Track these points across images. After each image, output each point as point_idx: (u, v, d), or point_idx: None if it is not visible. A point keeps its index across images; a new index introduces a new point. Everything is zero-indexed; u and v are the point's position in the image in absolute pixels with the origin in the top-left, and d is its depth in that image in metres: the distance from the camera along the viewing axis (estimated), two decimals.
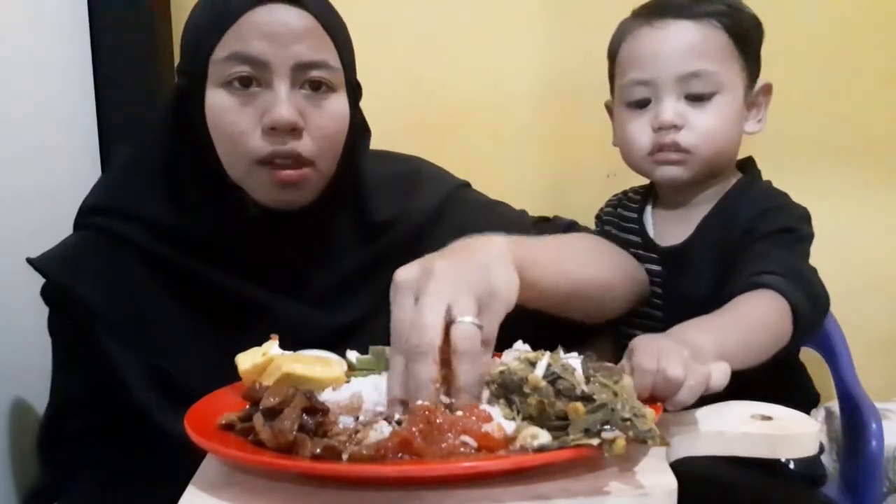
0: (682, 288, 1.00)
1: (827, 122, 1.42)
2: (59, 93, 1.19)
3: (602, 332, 1.01)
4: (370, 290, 0.89)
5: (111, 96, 1.27)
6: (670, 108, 0.97)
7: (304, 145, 0.81)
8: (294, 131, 0.79)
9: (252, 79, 0.79)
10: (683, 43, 0.98)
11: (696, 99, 0.97)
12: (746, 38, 0.99)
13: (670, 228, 1.05)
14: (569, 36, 1.44)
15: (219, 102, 0.80)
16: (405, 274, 0.65)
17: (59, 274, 0.84)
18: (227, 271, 0.84)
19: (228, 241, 0.85)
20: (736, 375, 0.66)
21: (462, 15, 1.44)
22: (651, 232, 1.06)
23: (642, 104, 1.00)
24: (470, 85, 1.45)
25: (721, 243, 0.97)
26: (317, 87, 0.82)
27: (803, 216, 0.97)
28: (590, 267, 0.89)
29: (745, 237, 0.94)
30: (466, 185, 1.03)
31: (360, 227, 0.91)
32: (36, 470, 0.90)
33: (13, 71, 1.06)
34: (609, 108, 1.10)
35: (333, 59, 0.83)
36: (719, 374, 0.62)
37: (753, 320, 0.81)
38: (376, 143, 0.99)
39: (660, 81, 0.98)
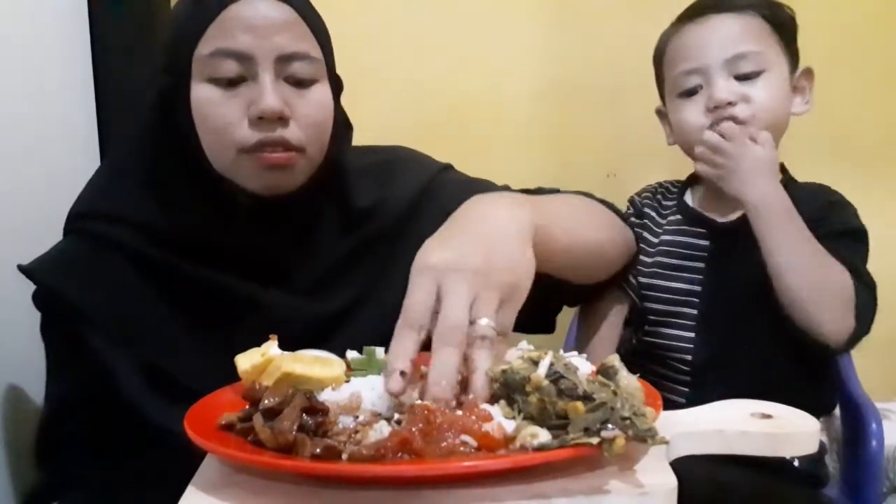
0: (729, 264, 1.03)
1: (829, 122, 1.42)
2: (58, 92, 1.19)
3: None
4: (355, 278, 0.90)
5: (111, 96, 1.27)
6: (723, 86, 1.02)
7: (292, 132, 0.81)
8: (281, 120, 0.80)
9: (237, 72, 0.80)
10: (727, 31, 1.04)
11: (745, 78, 1.03)
12: (784, 25, 1.06)
13: (716, 208, 1.09)
14: (569, 36, 1.44)
15: (205, 96, 0.81)
16: (434, 258, 0.66)
17: (48, 279, 0.84)
18: (215, 268, 0.85)
19: (216, 234, 0.85)
20: (760, 365, 0.67)
21: (462, 15, 1.45)
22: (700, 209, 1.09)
23: (692, 92, 1.06)
24: (470, 85, 1.45)
25: None
26: (300, 78, 0.83)
27: (857, 213, 1.04)
28: (594, 229, 0.92)
29: (813, 226, 0.98)
30: (448, 167, 1.04)
31: (342, 216, 0.91)
32: (33, 470, 0.90)
33: (13, 70, 1.06)
34: (660, 113, 1.14)
35: (315, 51, 0.84)
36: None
37: (833, 266, 0.93)
38: (377, 142, 0.99)
39: (709, 67, 1.03)
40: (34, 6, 1.13)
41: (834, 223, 0.99)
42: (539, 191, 1.02)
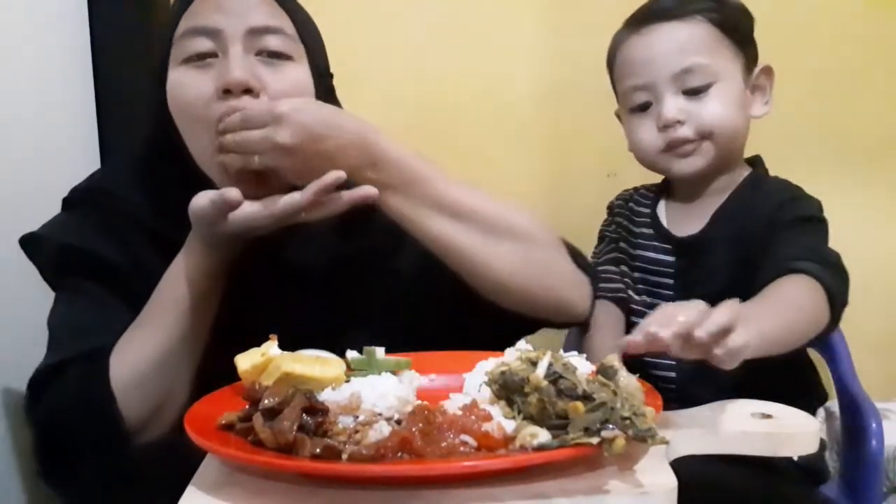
0: (696, 278, 1.01)
1: (827, 122, 1.42)
2: (59, 93, 1.19)
3: None
4: (348, 294, 0.88)
5: (111, 96, 1.27)
6: (671, 105, 0.99)
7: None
8: (250, 93, 0.79)
9: (208, 52, 0.80)
10: (672, 43, 1.00)
11: (694, 92, 0.99)
12: (734, 26, 1.01)
13: (684, 220, 1.06)
14: (570, 36, 1.44)
15: (177, 79, 0.81)
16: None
17: (68, 237, 0.84)
18: None
19: None
20: (747, 368, 0.66)
21: (463, 16, 1.44)
22: (665, 224, 1.08)
23: (645, 107, 1.03)
24: (471, 85, 1.45)
25: (738, 234, 0.99)
26: (274, 55, 0.82)
27: (819, 207, 0.98)
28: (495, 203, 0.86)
29: (767, 229, 0.95)
30: None
31: (337, 222, 0.85)
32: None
33: (13, 70, 1.06)
34: (619, 116, 1.11)
35: (289, 28, 0.83)
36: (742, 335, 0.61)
37: (791, 304, 0.82)
38: None
39: (656, 83, 1.00)
40: (34, 6, 1.13)
41: (793, 212, 0.96)
42: None
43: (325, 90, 0.88)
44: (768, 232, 0.94)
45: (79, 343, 0.78)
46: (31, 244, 0.86)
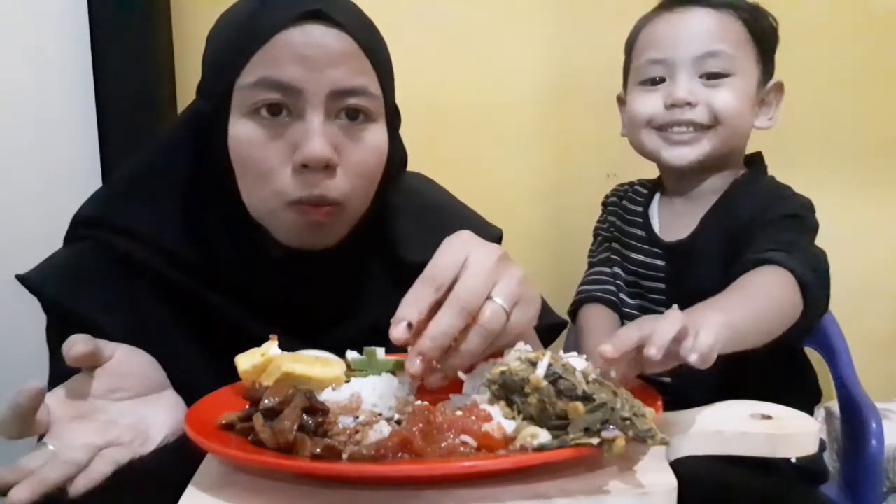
0: (687, 283, 1.00)
1: (828, 123, 1.42)
2: (59, 93, 1.19)
3: None
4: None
5: (111, 96, 1.27)
6: (685, 85, 0.99)
7: (337, 185, 0.74)
8: (327, 168, 0.73)
9: (282, 107, 0.72)
10: (702, 26, 1.00)
11: (712, 78, 0.99)
12: (764, 34, 1.02)
13: (676, 222, 1.06)
14: (571, 38, 1.44)
15: (244, 134, 0.73)
16: (467, 234, 0.65)
17: (56, 291, 0.77)
18: (244, 308, 0.79)
19: (247, 278, 0.79)
20: (741, 369, 0.66)
21: (465, 18, 1.45)
22: (656, 226, 1.07)
23: (655, 82, 1.02)
24: (472, 86, 1.45)
25: (725, 237, 0.98)
26: (354, 116, 0.75)
27: (807, 205, 0.98)
28: None
29: (750, 227, 0.95)
30: (501, 236, 0.97)
31: (390, 269, 0.84)
32: None
33: (13, 71, 1.06)
34: (620, 100, 1.11)
35: (374, 86, 0.76)
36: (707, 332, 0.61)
37: (761, 296, 0.81)
38: None
39: (676, 60, 1.00)
40: (34, 7, 1.13)
41: (776, 210, 0.96)
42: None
43: (394, 132, 0.83)
44: (752, 232, 0.94)
45: None
46: (26, 285, 0.79)
